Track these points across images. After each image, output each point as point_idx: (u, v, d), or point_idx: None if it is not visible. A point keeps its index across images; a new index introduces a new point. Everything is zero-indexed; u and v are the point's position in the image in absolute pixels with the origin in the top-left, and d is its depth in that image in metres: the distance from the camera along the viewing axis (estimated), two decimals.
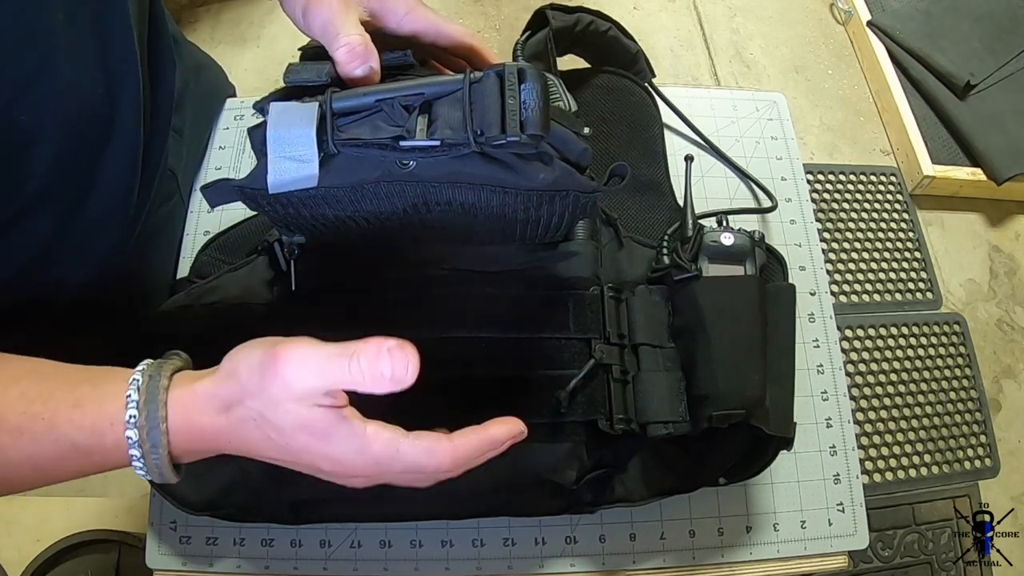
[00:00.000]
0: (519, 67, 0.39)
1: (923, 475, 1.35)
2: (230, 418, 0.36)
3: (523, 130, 0.38)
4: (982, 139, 1.56)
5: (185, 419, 0.36)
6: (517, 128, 0.38)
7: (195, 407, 0.36)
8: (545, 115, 0.39)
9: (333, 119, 0.39)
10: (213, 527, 0.58)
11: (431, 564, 0.58)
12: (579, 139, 0.44)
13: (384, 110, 0.40)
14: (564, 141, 0.43)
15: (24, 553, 0.95)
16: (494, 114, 0.39)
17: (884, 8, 1.78)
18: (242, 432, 0.36)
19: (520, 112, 0.38)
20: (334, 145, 0.39)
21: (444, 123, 0.39)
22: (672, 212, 0.64)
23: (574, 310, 0.54)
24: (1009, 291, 1.57)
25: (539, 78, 0.39)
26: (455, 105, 0.39)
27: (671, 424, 0.52)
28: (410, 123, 0.39)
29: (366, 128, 0.40)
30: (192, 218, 0.68)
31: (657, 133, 0.67)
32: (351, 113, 0.40)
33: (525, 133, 0.38)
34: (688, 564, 0.59)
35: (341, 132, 0.40)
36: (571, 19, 0.63)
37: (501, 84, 0.39)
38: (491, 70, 0.39)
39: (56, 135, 0.45)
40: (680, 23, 1.82)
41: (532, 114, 0.39)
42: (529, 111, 0.39)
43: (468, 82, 0.39)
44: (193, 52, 0.72)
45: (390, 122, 0.39)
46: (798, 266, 0.68)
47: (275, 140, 0.39)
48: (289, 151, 0.39)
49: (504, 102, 0.39)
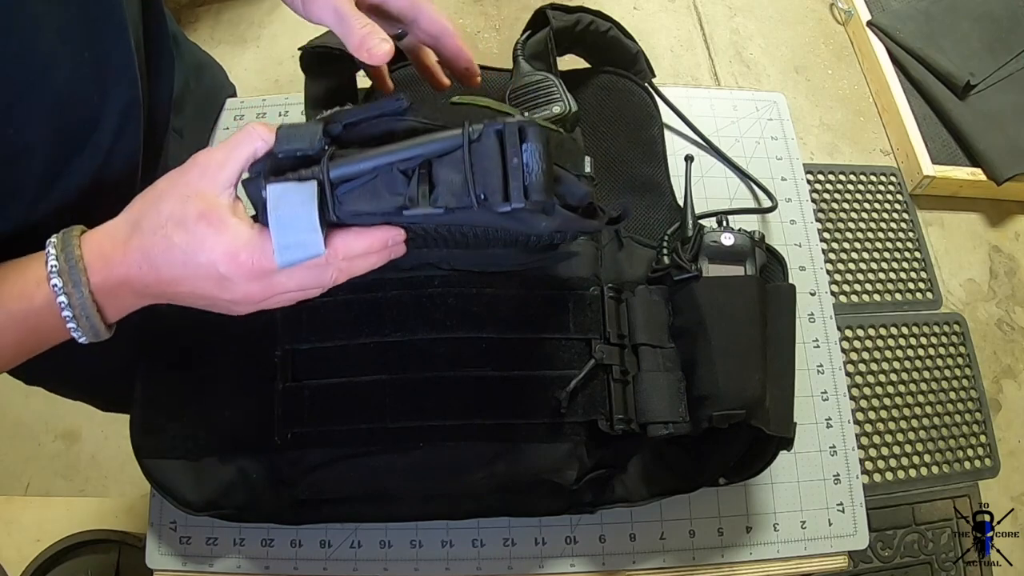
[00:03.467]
0: (519, 125, 0.37)
1: (923, 475, 1.36)
2: (140, 233, 0.39)
3: (527, 196, 0.37)
4: (982, 139, 1.56)
5: (100, 253, 0.39)
6: (521, 195, 0.37)
7: (106, 239, 0.40)
8: (549, 178, 0.38)
9: (332, 190, 0.38)
10: (213, 527, 0.58)
11: (431, 564, 0.58)
12: (581, 181, 0.42)
13: (383, 176, 0.39)
14: (567, 188, 0.42)
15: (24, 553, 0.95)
16: (496, 178, 0.37)
17: (884, 8, 1.78)
18: (150, 243, 0.39)
19: (523, 176, 0.37)
20: (336, 216, 0.39)
21: (445, 188, 0.38)
22: (672, 212, 0.64)
23: (574, 310, 0.54)
24: (1009, 291, 1.57)
25: (541, 137, 0.37)
26: (455, 167, 0.38)
27: (671, 424, 0.52)
28: (411, 190, 0.38)
29: (367, 195, 0.39)
30: None
31: (657, 133, 0.67)
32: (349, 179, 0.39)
33: (529, 200, 0.37)
34: (688, 564, 0.59)
35: (341, 203, 0.39)
36: (571, 19, 0.63)
37: (502, 144, 0.37)
38: (490, 127, 0.37)
39: (48, 145, 0.45)
40: (680, 23, 1.82)
41: (535, 179, 0.37)
42: (532, 176, 0.37)
43: (467, 140, 0.37)
44: (194, 52, 0.72)
45: (390, 189, 0.39)
46: (798, 266, 0.68)
47: (278, 226, 0.38)
48: (294, 236, 0.39)
49: (506, 165, 0.37)
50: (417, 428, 0.52)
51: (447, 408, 0.51)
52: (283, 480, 0.53)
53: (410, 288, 0.53)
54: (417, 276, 0.53)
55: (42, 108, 0.43)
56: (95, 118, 0.48)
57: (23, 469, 1.32)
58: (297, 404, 0.52)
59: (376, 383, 0.51)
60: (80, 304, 0.39)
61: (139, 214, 0.40)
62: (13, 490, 1.29)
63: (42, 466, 1.32)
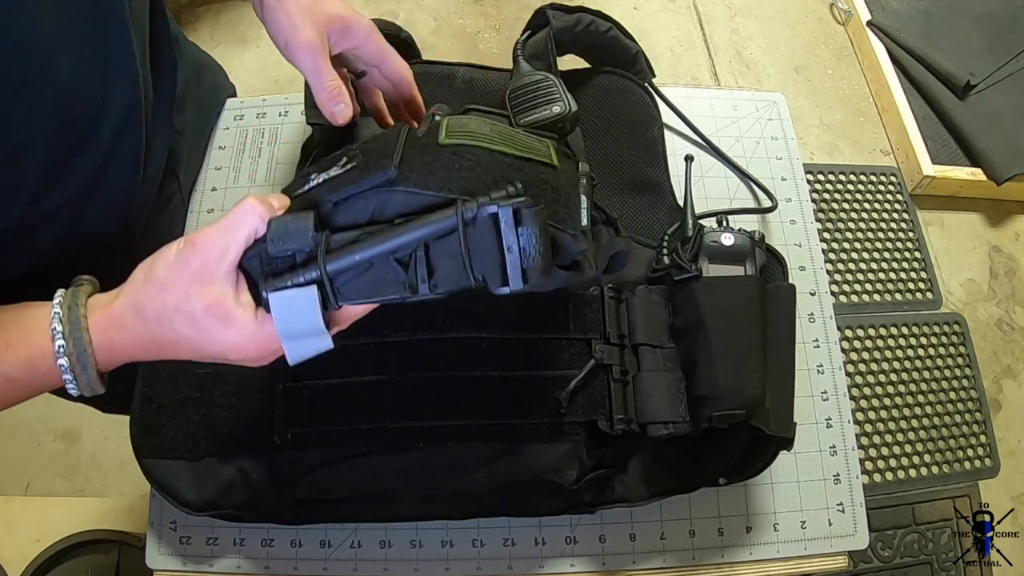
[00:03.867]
0: (514, 208, 0.36)
1: (923, 475, 1.36)
2: (145, 323, 0.40)
3: (526, 280, 0.37)
4: (982, 139, 1.56)
5: (106, 337, 0.40)
6: (519, 280, 0.37)
7: (113, 325, 0.40)
8: (547, 260, 0.38)
9: (332, 284, 0.39)
10: (213, 527, 0.58)
11: (431, 564, 0.58)
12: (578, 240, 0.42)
13: (379, 265, 0.39)
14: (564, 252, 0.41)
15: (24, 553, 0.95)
16: (493, 263, 0.37)
17: (884, 8, 1.78)
18: (157, 334, 0.40)
19: (521, 260, 0.37)
20: (338, 304, 0.40)
21: (444, 275, 0.39)
22: (672, 212, 0.64)
23: (574, 310, 0.54)
24: (1009, 291, 1.57)
25: (536, 219, 0.37)
26: (452, 253, 0.38)
27: (671, 424, 0.52)
28: (409, 277, 0.39)
29: (366, 283, 0.39)
30: (192, 218, 0.68)
31: (657, 133, 0.67)
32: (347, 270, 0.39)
33: (528, 284, 0.37)
34: (688, 564, 0.59)
35: (342, 292, 0.39)
36: (571, 19, 0.63)
37: (497, 227, 0.37)
38: (485, 209, 0.37)
39: (48, 144, 0.45)
40: (680, 23, 1.82)
41: (533, 264, 0.37)
42: (530, 260, 0.37)
43: (462, 224, 0.37)
44: (194, 52, 0.72)
45: (389, 276, 0.39)
46: (798, 266, 0.68)
47: (285, 330, 0.40)
48: (301, 336, 0.40)
49: (503, 250, 0.37)
50: (417, 428, 0.52)
51: (447, 408, 0.52)
52: (283, 480, 0.53)
53: None
54: None
55: (43, 106, 0.43)
56: (97, 118, 0.48)
57: (23, 469, 1.32)
58: (297, 404, 0.52)
59: (376, 383, 0.52)
60: (87, 383, 0.41)
61: (142, 301, 0.40)
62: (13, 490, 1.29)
63: (42, 466, 1.32)
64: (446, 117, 0.45)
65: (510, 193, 0.38)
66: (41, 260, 0.50)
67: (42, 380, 0.41)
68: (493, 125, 0.45)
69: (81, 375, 0.40)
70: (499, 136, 0.43)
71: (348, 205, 0.40)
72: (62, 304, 0.40)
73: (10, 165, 0.43)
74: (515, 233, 0.37)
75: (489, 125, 0.45)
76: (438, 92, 0.67)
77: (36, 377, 0.40)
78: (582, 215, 0.43)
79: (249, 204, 0.39)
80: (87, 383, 0.41)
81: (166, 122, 0.60)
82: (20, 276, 0.50)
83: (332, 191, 0.40)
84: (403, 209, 0.39)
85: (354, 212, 0.40)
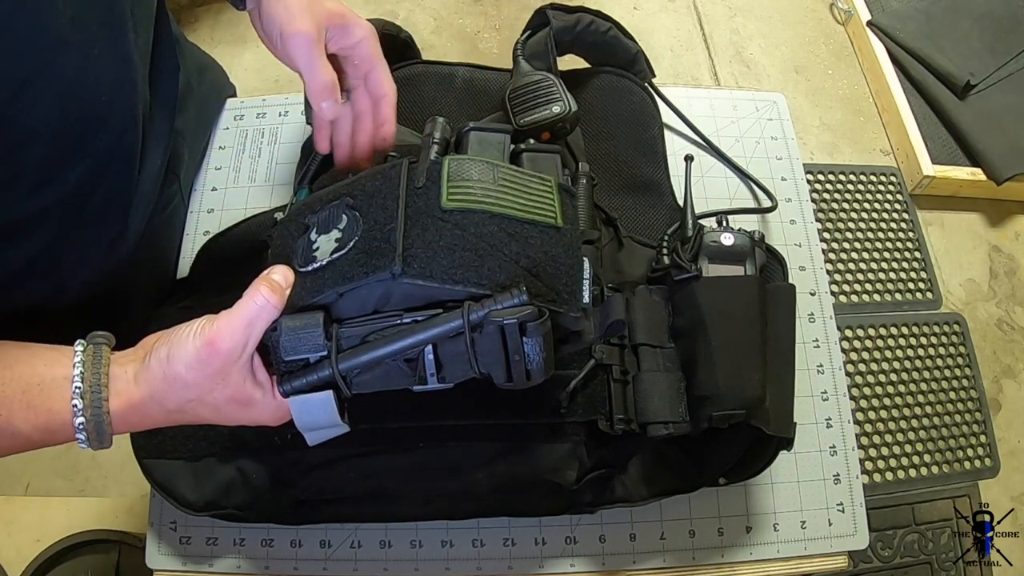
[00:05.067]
0: (520, 322, 0.38)
1: (923, 475, 1.35)
2: (167, 412, 0.42)
3: (529, 379, 0.40)
4: (982, 139, 1.56)
5: (124, 420, 0.42)
6: (523, 379, 0.40)
7: (132, 412, 0.41)
8: (550, 362, 0.40)
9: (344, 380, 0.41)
10: (213, 527, 0.58)
11: (431, 564, 0.58)
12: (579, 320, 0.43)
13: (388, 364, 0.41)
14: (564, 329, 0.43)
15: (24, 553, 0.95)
16: (499, 364, 0.40)
17: (884, 8, 1.78)
18: (179, 419, 0.43)
19: (525, 363, 0.40)
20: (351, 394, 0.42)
21: (451, 369, 0.41)
22: (672, 212, 0.64)
23: None
24: (1009, 291, 1.57)
25: (540, 331, 0.39)
26: (459, 356, 0.40)
27: (671, 424, 0.52)
28: (419, 372, 0.41)
29: (377, 379, 0.42)
30: (192, 218, 0.68)
31: (657, 133, 0.67)
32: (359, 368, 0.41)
33: (531, 382, 0.41)
34: (688, 564, 0.59)
35: (354, 385, 0.42)
36: (571, 19, 0.63)
37: (503, 337, 0.39)
38: (492, 322, 0.38)
39: (52, 136, 0.45)
40: (680, 23, 1.82)
41: (537, 367, 0.40)
42: (534, 364, 0.40)
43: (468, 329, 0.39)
44: (195, 53, 0.72)
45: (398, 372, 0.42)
46: (798, 266, 0.68)
47: (304, 425, 0.43)
48: (321, 432, 0.44)
49: (508, 355, 0.39)
50: (417, 428, 0.52)
51: (447, 408, 0.52)
52: (283, 480, 0.53)
53: None
54: None
55: (46, 102, 0.43)
56: (98, 117, 0.48)
57: (23, 469, 1.32)
58: None
59: None
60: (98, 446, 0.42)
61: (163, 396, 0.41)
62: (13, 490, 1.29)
63: (42, 466, 1.32)
64: (446, 161, 0.44)
65: (516, 303, 0.39)
66: (40, 257, 0.50)
67: (57, 440, 0.42)
68: (496, 168, 0.44)
69: (95, 443, 0.41)
70: (501, 189, 0.43)
71: (354, 295, 0.41)
72: (83, 375, 0.41)
73: (8, 159, 0.43)
74: (520, 343, 0.39)
75: (491, 169, 0.44)
76: (438, 92, 0.67)
77: (52, 438, 0.42)
78: (584, 292, 0.44)
79: (263, 298, 0.40)
80: (99, 447, 0.42)
81: (167, 123, 0.60)
82: (19, 273, 0.50)
83: (337, 281, 0.41)
84: (408, 302, 0.41)
85: (360, 302, 0.41)
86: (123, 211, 0.56)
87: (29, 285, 0.52)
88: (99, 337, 0.43)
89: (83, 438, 0.41)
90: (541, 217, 0.43)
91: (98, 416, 0.40)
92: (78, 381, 0.40)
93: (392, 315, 0.41)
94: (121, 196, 0.55)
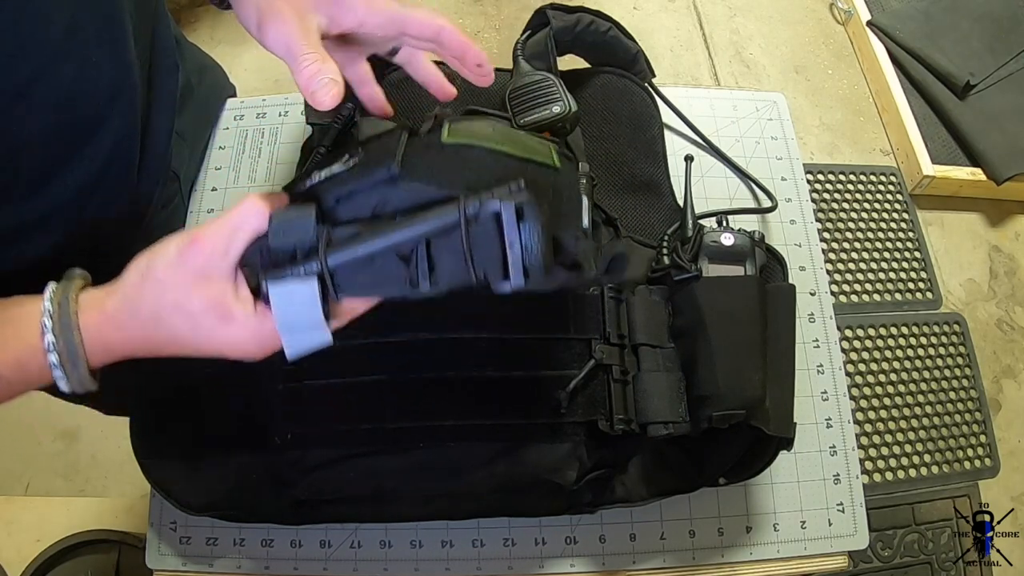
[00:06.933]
0: (516, 205, 0.37)
1: (923, 475, 1.36)
2: (141, 322, 0.40)
3: (527, 276, 0.38)
4: (982, 139, 1.56)
5: (99, 335, 0.40)
6: (521, 277, 0.38)
7: (105, 323, 0.40)
8: (548, 256, 0.38)
9: (333, 279, 0.39)
10: (213, 527, 0.58)
11: (431, 564, 0.58)
12: (579, 242, 0.42)
13: (381, 261, 0.39)
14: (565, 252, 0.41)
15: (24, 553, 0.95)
16: (495, 260, 0.38)
17: (884, 8, 1.78)
18: (152, 333, 0.40)
19: (523, 257, 0.37)
20: (338, 297, 0.40)
21: (445, 271, 0.39)
22: (672, 212, 0.64)
23: (574, 310, 0.54)
24: (1009, 291, 1.57)
25: (538, 217, 0.37)
26: (454, 249, 0.38)
27: (671, 424, 0.52)
28: (411, 272, 0.39)
29: (367, 279, 0.39)
30: (192, 218, 0.68)
31: (657, 133, 0.67)
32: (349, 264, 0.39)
33: (529, 280, 0.38)
34: (688, 564, 0.59)
35: (342, 287, 0.40)
36: (571, 19, 0.63)
37: (499, 224, 0.37)
38: (488, 205, 0.37)
39: (48, 143, 0.45)
40: (680, 23, 1.82)
41: (535, 260, 0.37)
42: (532, 257, 0.37)
43: (464, 221, 0.37)
44: (195, 53, 0.72)
45: (391, 272, 0.39)
46: (798, 266, 0.68)
47: (284, 323, 0.40)
48: (300, 329, 0.40)
49: (504, 246, 0.37)
50: (417, 428, 0.52)
51: (447, 408, 0.52)
52: (283, 480, 0.53)
53: None
54: None
55: (45, 107, 0.43)
56: (97, 120, 0.48)
57: (23, 469, 1.32)
58: (297, 404, 0.52)
59: (376, 383, 0.52)
60: (78, 380, 0.40)
61: (138, 300, 0.39)
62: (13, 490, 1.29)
63: (42, 466, 1.32)
64: (448, 119, 0.44)
65: (512, 190, 0.38)
66: (40, 262, 0.50)
67: (33, 376, 0.40)
68: (496, 125, 0.45)
69: (72, 371, 0.39)
70: (501, 137, 0.43)
71: (350, 201, 0.40)
72: (52, 299, 0.39)
73: (4, 166, 0.43)
74: (517, 230, 0.37)
75: (492, 126, 0.45)
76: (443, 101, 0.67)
77: (27, 373, 0.40)
78: (583, 216, 0.43)
79: (252, 201, 0.39)
80: (78, 380, 0.40)
81: (167, 124, 0.60)
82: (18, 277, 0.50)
83: (334, 187, 0.40)
84: (405, 205, 0.39)
85: (356, 207, 0.40)
86: (123, 212, 0.56)
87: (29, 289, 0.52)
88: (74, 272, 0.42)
89: (55, 360, 0.38)
90: (540, 159, 0.43)
91: (68, 332, 0.38)
92: (47, 303, 0.39)
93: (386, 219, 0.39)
94: (120, 198, 0.55)
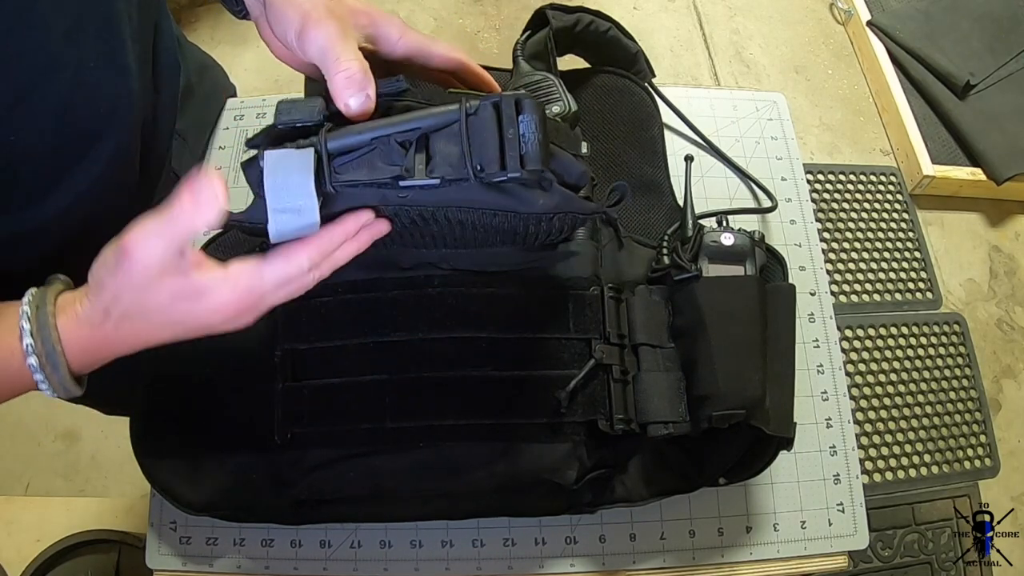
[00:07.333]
0: (516, 98, 0.38)
1: (923, 475, 1.36)
2: (114, 322, 0.39)
3: (523, 165, 0.38)
4: (982, 139, 1.56)
5: (76, 338, 0.40)
6: (517, 164, 0.38)
7: (80, 326, 0.40)
8: (545, 148, 0.39)
9: (330, 161, 0.38)
10: (213, 527, 0.58)
11: (431, 564, 0.58)
12: (578, 161, 0.43)
13: (380, 148, 0.39)
14: (563, 165, 0.42)
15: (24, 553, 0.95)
16: (493, 149, 0.38)
17: (884, 8, 1.78)
18: (128, 328, 0.40)
19: (519, 146, 0.38)
20: (332, 187, 0.39)
21: (442, 159, 0.39)
22: (672, 212, 0.64)
23: (574, 310, 0.54)
24: (1009, 291, 1.57)
25: (536, 109, 0.38)
26: (452, 140, 0.38)
27: (671, 424, 0.52)
28: (408, 161, 0.38)
29: (363, 167, 0.39)
30: None
31: (657, 133, 0.67)
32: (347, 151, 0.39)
33: (525, 169, 0.38)
34: (688, 564, 0.59)
35: (338, 173, 0.39)
36: (571, 19, 0.63)
37: (498, 116, 0.38)
38: (487, 100, 0.38)
39: (48, 152, 0.45)
40: (680, 23, 1.82)
41: (531, 148, 0.38)
42: (528, 145, 0.38)
43: (464, 114, 0.38)
44: (196, 54, 0.72)
45: (387, 160, 0.39)
46: (798, 266, 0.68)
47: (273, 191, 0.38)
48: (288, 202, 0.38)
49: (502, 135, 0.38)
50: (417, 428, 0.52)
51: (447, 408, 0.52)
52: (283, 480, 0.53)
53: (410, 287, 0.53)
54: (417, 276, 0.53)
55: (44, 114, 0.43)
56: (98, 128, 0.48)
57: (23, 469, 1.32)
58: (297, 404, 0.52)
59: (376, 383, 0.52)
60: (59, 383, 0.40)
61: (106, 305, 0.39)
62: (13, 490, 1.29)
63: (42, 466, 1.32)
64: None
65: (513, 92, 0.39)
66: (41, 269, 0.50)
67: (14, 380, 0.40)
68: None
69: (52, 375, 0.39)
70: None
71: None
72: (31, 303, 0.39)
73: (3, 175, 0.43)
74: (515, 120, 0.38)
75: None
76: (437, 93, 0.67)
77: (8, 377, 0.39)
78: (582, 147, 0.44)
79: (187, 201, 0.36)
80: (60, 383, 0.40)
81: (168, 125, 0.60)
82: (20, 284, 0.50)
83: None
84: None
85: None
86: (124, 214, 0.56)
87: None
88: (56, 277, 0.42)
89: (35, 364, 0.38)
90: None
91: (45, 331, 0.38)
92: (26, 306, 0.39)
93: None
94: (122, 200, 0.55)
